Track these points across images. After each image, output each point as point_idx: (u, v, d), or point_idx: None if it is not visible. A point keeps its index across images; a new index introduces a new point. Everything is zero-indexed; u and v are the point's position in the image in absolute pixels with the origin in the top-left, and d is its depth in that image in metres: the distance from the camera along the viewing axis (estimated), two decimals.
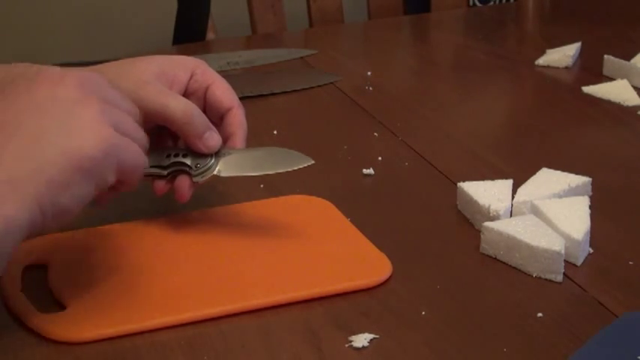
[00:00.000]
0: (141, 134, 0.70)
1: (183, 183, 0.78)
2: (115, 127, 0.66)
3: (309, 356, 0.66)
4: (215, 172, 0.78)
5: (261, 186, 0.88)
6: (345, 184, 0.92)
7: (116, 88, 0.70)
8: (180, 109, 0.76)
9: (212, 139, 0.78)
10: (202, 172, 0.78)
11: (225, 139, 0.80)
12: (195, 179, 0.78)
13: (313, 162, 0.79)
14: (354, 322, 0.69)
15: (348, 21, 1.57)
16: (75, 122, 0.64)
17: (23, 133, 0.63)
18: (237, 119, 0.81)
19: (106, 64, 0.81)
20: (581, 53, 1.27)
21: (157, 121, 0.77)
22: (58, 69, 0.68)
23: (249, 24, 1.51)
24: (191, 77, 0.81)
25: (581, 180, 0.86)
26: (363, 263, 0.76)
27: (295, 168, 0.79)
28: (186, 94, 0.81)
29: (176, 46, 1.50)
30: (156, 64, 0.80)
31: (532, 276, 0.75)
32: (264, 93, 1.16)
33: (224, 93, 0.81)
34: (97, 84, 0.68)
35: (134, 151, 0.68)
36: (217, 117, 0.81)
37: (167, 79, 0.80)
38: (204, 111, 0.80)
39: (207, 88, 0.81)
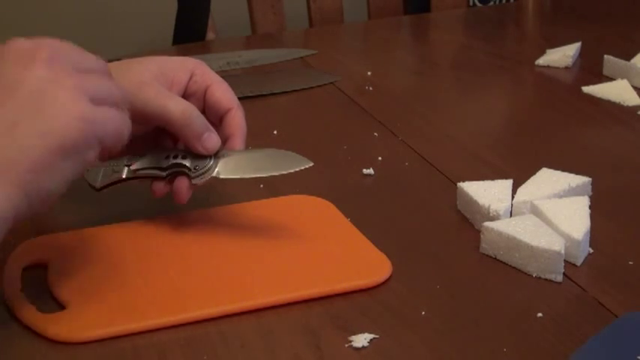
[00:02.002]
0: (117, 92, 0.68)
1: (182, 184, 0.78)
2: (91, 98, 0.65)
3: (309, 356, 0.66)
4: (214, 174, 0.78)
5: (261, 186, 0.88)
6: (345, 184, 0.92)
7: (82, 49, 0.68)
8: (179, 110, 0.76)
9: (211, 140, 0.77)
10: (201, 174, 0.78)
11: (225, 140, 0.80)
12: (194, 181, 0.78)
13: (312, 164, 0.79)
14: (354, 322, 0.69)
15: (348, 21, 1.57)
16: (50, 104, 0.63)
17: (1, 118, 0.62)
18: (237, 120, 0.81)
19: None
20: (581, 53, 1.27)
21: (156, 122, 0.77)
22: (26, 42, 0.66)
23: (249, 24, 1.51)
24: (190, 78, 0.81)
25: (581, 180, 0.86)
26: (363, 263, 0.76)
27: (294, 170, 0.79)
28: (185, 95, 0.81)
29: (176, 46, 1.50)
30: (155, 65, 0.80)
31: (532, 276, 0.75)
32: (264, 93, 1.16)
33: (223, 94, 0.81)
34: (68, 53, 0.67)
35: (114, 120, 0.66)
36: (217, 118, 0.81)
37: (166, 80, 0.79)
38: (204, 112, 0.80)
39: (206, 89, 0.81)
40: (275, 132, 1.04)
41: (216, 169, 0.78)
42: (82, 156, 0.65)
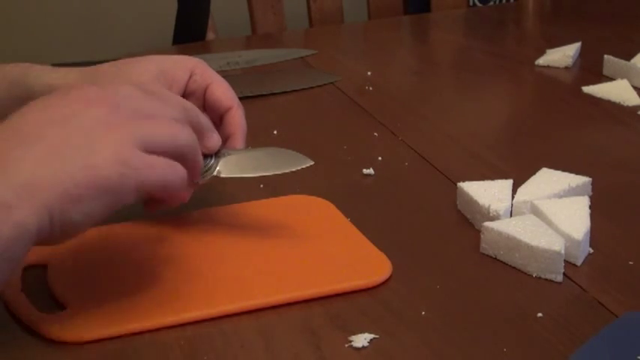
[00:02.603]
0: (173, 141, 0.67)
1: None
2: (142, 145, 0.65)
3: (309, 356, 0.66)
4: (215, 173, 0.78)
5: (261, 186, 0.88)
6: (345, 184, 0.92)
7: (161, 87, 0.68)
8: None
9: (211, 139, 0.77)
10: (202, 173, 0.77)
11: (225, 139, 0.80)
12: (194, 180, 0.78)
13: (313, 162, 0.79)
14: (354, 322, 0.69)
15: (348, 21, 1.57)
16: (98, 140, 0.63)
17: (47, 142, 0.63)
18: (237, 119, 0.81)
19: (105, 64, 0.81)
20: (581, 53, 1.27)
21: None
22: (96, 88, 0.67)
23: (249, 24, 1.51)
24: (190, 77, 0.81)
25: (581, 180, 0.86)
26: (363, 263, 0.76)
27: (295, 169, 0.79)
28: (185, 94, 0.81)
29: (176, 46, 1.50)
30: (155, 64, 0.80)
31: (532, 276, 0.75)
32: (264, 93, 1.16)
33: (223, 93, 0.81)
34: (133, 100, 0.67)
35: (159, 169, 0.66)
36: (217, 117, 0.81)
37: (166, 79, 0.79)
38: (204, 111, 0.80)
39: (206, 88, 0.81)
40: (275, 132, 1.04)
41: (217, 168, 0.78)
42: (117, 198, 0.64)
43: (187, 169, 0.68)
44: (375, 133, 1.04)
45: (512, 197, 0.83)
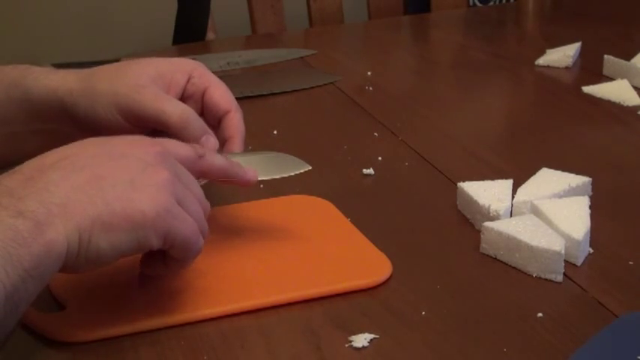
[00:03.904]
0: (203, 220, 0.69)
1: None
2: (177, 200, 0.66)
3: (309, 356, 0.66)
4: None
5: (261, 186, 0.88)
6: (345, 184, 0.92)
7: (193, 177, 0.70)
8: (177, 113, 0.76)
9: (209, 143, 0.77)
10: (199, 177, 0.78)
11: (223, 143, 0.80)
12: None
13: (310, 167, 0.79)
14: (354, 322, 0.69)
15: (348, 21, 1.57)
16: (141, 180, 0.64)
17: (90, 171, 0.64)
18: (235, 123, 0.80)
19: (103, 66, 0.80)
20: (581, 53, 1.27)
21: (154, 125, 0.77)
22: (146, 138, 0.70)
23: (249, 24, 1.51)
24: (188, 80, 0.81)
25: (581, 180, 0.86)
26: (363, 263, 0.76)
27: (292, 174, 0.79)
28: (183, 97, 0.80)
29: (176, 46, 1.50)
30: (153, 67, 0.80)
31: (532, 276, 0.75)
32: (264, 93, 1.16)
33: (222, 96, 0.81)
34: (175, 163, 0.68)
35: (189, 227, 0.66)
36: (215, 120, 0.81)
37: (164, 82, 0.79)
38: (202, 114, 0.80)
39: (204, 91, 0.81)
40: (275, 132, 1.04)
41: None
42: (144, 237, 0.64)
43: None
44: (375, 133, 1.04)
45: (512, 197, 0.83)
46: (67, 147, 0.67)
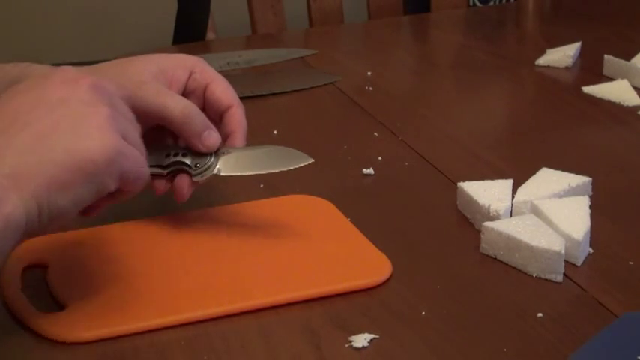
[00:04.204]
0: (142, 149, 0.69)
1: (182, 182, 0.78)
2: (122, 135, 0.66)
3: (309, 356, 0.66)
4: (215, 172, 0.78)
5: (261, 186, 0.88)
6: (345, 184, 0.92)
7: (121, 99, 0.69)
8: (179, 108, 0.76)
9: (211, 138, 0.77)
10: (202, 172, 0.78)
11: (225, 138, 0.80)
12: (194, 178, 0.78)
13: (313, 160, 0.79)
14: (354, 322, 0.69)
15: (348, 21, 1.57)
16: (84, 125, 0.64)
17: (31, 129, 0.63)
18: (237, 118, 0.80)
19: (105, 63, 0.81)
20: (581, 53, 1.27)
21: (156, 120, 0.77)
22: (72, 70, 0.68)
23: (249, 24, 1.51)
24: (190, 76, 0.81)
25: (581, 180, 0.86)
26: (363, 263, 0.76)
27: (295, 167, 0.79)
28: (185, 92, 0.81)
29: (176, 46, 1.49)
30: (154, 63, 0.80)
31: (532, 276, 0.75)
32: (264, 93, 1.16)
33: (223, 91, 0.81)
34: (108, 91, 0.68)
35: (138, 161, 0.67)
36: (217, 115, 0.81)
37: (166, 78, 0.79)
38: (204, 110, 0.80)
39: (206, 87, 0.81)
40: (275, 132, 1.04)
41: (217, 167, 0.78)
42: (101, 184, 0.64)
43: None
44: (375, 133, 1.04)
45: (512, 197, 0.83)
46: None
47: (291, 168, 0.79)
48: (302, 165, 0.79)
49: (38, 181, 0.61)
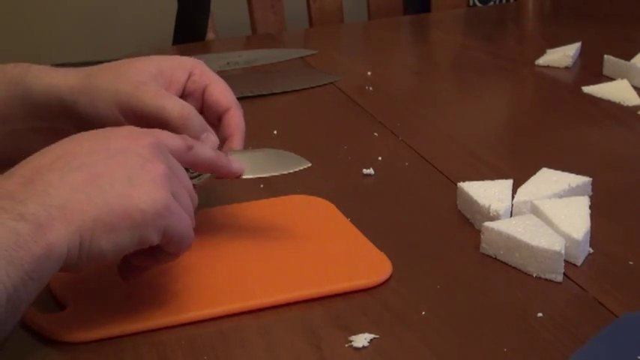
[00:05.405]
0: (192, 214, 0.69)
1: None
2: (173, 194, 0.66)
3: (309, 356, 0.66)
4: (212, 175, 0.78)
5: (261, 186, 0.88)
6: (345, 184, 0.92)
7: (183, 169, 0.71)
8: (177, 110, 0.76)
9: (209, 140, 0.77)
10: (200, 175, 0.78)
11: (223, 141, 0.80)
12: (192, 181, 0.78)
13: (310, 164, 0.79)
14: (354, 322, 0.69)
15: (348, 21, 1.57)
16: (139, 176, 0.65)
17: (87, 170, 0.64)
18: (235, 120, 0.80)
19: (104, 64, 0.80)
20: (581, 53, 1.27)
21: (154, 122, 0.77)
22: (138, 128, 0.70)
23: (249, 24, 1.51)
24: (189, 78, 0.81)
25: (581, 180, 0.86)
26: (363, 263, 0.76)
27: (293, 170, 0.79)
28: (183, 94, 0.81)
29: (176, 46, 1.50)
30: (153, 64, 0.80)
31: (532, 276, 0.75)
32: (264, 93, 1.16)
33: (222, 93, 0.81)
34: (168, 155, 0.69)
35: (185, 222, 0.67)
36: (215, 118, 0.81)
37: (165, 79, 0.79)
38: (202, 112, 0.80)
39: (204, 89, 0.81)
40: (275, 132, 1.04)
41: None
42: (144, 235, 0.65)
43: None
44: (375, 133, 1.04)
45: (512, 197, 0.83)
46: (62, 143, 0.66)
47: (289, 172, 0.79)
48: (300, 169, 0.79)
49: (85, 218, 0.62)
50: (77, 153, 0.65)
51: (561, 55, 1.24)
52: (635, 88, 1.13)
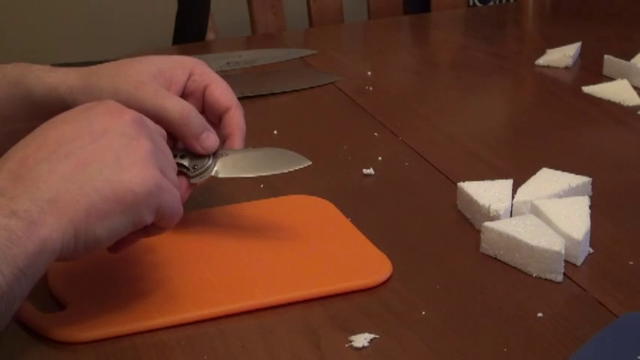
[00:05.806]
0: (178, 186, 0.70)
1: (180, 184, 0.78)
2: (161, 170, 0.67)
3: (309, 356, 0.66)
4: (213, 173, 0.78)
5: (261, 186, 0.88)
6: (345, 184, 0.92)
7: (163, 140, 0.71)
8: (177, 110, 0.76)
9: (209, 139, 0.77)
10: (200, 174, 0.78)
11: (224, 140, 0.80)
12: (192, 180, 0.78)
13: (310, 163, 0.79)
14: (354, 322, 0.69)
15: (348, 21, 1.57)
16: (126, 157, 0.65)
17: (74, 157, 0.64)
18: (236, 120, 0.80)
19: (104, 64, 0.80)
20: (581, 53, 1.27)
21: (155, 121, 0.77)
22: (116, 103, 0.70)
23: (249, 24, 1.51)
24: (189, 77, 0.81)
25: (581, 180, 0.86)
26: (363, 263, 0.76)
27: (293, 169, 0.79)
28: (184, 94, 0.81)
29: (176, 46, 1.50)
30: (154, 64, 0.80)
31: (532, 276, 0.75)
32: (264, 93, 1.16)
33: (222, 93, 0.81)
34: (149, 126, 0.69)
35: (175, 197, 0.68)
36: (215, 117, 0.81)
37: (165, 79, 0.79)
38: (203, 111, 0.80)
39: (205, 88, 0.81)
40: (275, 132, 1.04)
41: (215, 169, 0.78)
42: (138, 216, 0.65)
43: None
44: (375, 133, 1.04)
45: (512, 197, 0.83)
46: (43, 129, 0.66)
47: (289, 170, 0.79)
48: (300, 167, 0.79)
49: (77, 208, 0.62)
50: (61, 140, 0.65)
51: (561, 55, 1.24)
52: (635, 88, 1.13)
